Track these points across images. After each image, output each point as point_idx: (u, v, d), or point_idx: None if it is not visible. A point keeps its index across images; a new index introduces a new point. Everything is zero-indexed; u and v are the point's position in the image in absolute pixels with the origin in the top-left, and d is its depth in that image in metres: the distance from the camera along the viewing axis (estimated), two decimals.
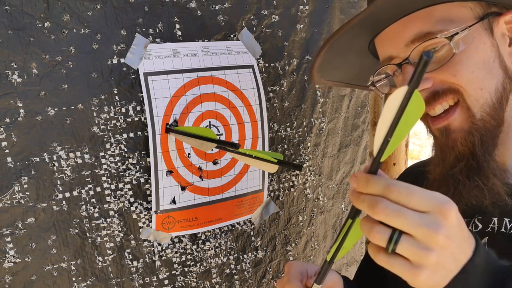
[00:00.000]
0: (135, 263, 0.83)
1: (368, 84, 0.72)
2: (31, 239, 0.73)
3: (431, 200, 0.44)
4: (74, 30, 0.73)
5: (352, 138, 1.15)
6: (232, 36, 0.89)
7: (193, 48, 0.84)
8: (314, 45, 1.00)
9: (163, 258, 0.86)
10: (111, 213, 0.79)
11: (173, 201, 0.83)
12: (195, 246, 0.89)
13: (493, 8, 0.63)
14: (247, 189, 0.92)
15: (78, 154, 0.75)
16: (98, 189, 0.78)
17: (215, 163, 0.87)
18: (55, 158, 0.74)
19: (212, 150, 0.84)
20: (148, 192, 0.82)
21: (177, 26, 0.83)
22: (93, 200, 0.78)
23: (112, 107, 0.77)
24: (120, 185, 0.80)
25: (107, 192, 0.79)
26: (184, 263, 0.89)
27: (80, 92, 0.75)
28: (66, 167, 0.75)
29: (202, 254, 0.90)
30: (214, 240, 0.92)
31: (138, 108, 0.79)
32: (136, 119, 0.80)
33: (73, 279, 0.78)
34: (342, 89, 1.09)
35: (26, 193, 0.72)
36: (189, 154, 0.84)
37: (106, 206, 0.79)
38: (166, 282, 0.87)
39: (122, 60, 0.77)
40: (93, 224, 0.78)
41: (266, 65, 0.94)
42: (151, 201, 0.81)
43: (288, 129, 1.00)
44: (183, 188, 0.84)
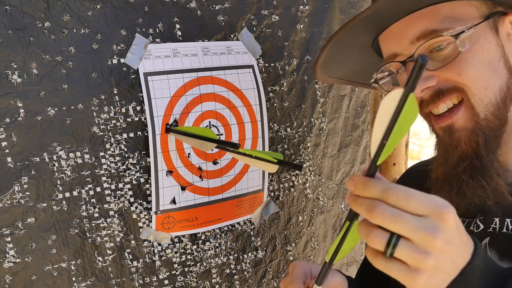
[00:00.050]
0: (135, 263, 0.83)
1: (371, 81, 0.71)
2: (31, 239, 0.73)
3: (429, 204, 0.44)
4: (74, 30, 0.73)
5: (352, 138, 1.15)
6: (232, 36, 0.89)
7: (193, 48, 0.84)
8: (314, 45, 1.00)
9: (163, 258, 0.86)
10: (111, 213, 0.79)
11: (173, 201, 0.83)
12: (195, 246, 0.89)
13: (499, 8, 0.63)
14: (247, 189, 0.92)
15: (78, 154, 0.75)
16: (98, 189, 0.78)
17: (215, 163, 0.87)
18: (55, 158, 0.74)
19: (212, 150, 0.84)
20: (148, 192, 0.82)
21: (177, 26, 0.83)
22: (93, 200, 0.78)
23: (112, 107, 0.77)
24: (120, 185, 0.80)
25: (107, 192, 0.79)
26: (184, 263, 0.89)
27: (80, 92, 0.75)
28: (66, 167, 0.75)
29: (202, 254, 0.90)
30: (214, 240, 0.92)
31: (138, 108, 0.79)
32: (136, 119, 0.80)
33: (73, 279, 0.78)
34: (342, 89, 1.09)
35: (26, 193, 0.72)
36: (189, 154, 0.84)
37: (106, 206, 0.79)
38: (166, 282, 0.87)
39: (122, 60, 0.77)
40: (93, 224, 0.78)
41: (266, 65, 0.94)
42: (151, 201, 0.81)
43: (288, 129, 1.00)
44: (183, 188, 0.84)
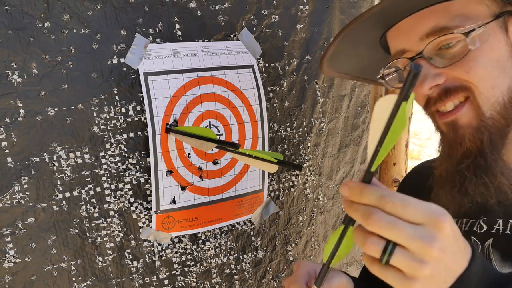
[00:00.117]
0: (135, 263, 0.83)
1: (378, 77, 0.70)
2: (31, 239, 0.73)
3: (426, 212, 0.44)
4: (74, 30, 0.73)
5: (352, 138, 1.15)
6: (232, 36, 0.89)
7: (193, 48, 0.84)
8: (314, 45, 1.00)
9: (163, 258, 0.86)
10: (111, 213, 0.79)
11: (173, 201, 0.83)
12: (195, 246, 0.89)
13: (509, 7, 0.62)
14: (247, 189, 0.92)
15: (78, 154, 0.75)
16: (98, 189, 0.78)
17: (215, 163, 0.87)
18: (55, 158, 0.74)
19: (212, 150, 0.84)
20: (148, 192, 0.82)
21: (177, 26, 0.83)
22: (93, 200, 0.78)
23: (112, 107, 0.77)
24: (120, 185, 0.80)
25: (107, 192, 0.79)
26: (184, 263, 0.89)
27: (80, 92, 0.75)
28: (66, 167, 0.75)
29: (202, 254, 0.90)
30: (214, 240, 0.92)
31: (138, 108, 0.79)
32: (136, 119, 0.80)
33: (73, 279, 0.78)
34: (342, 89, 1.09)
35: (26, 193, 0.72)
36: (189, 154, 0.84)
37: (106, 206, 0.79)
38: (166, 282, 0.87)
39: (122, 60, 0.77)
40: (93, 224, 0.78)
41: (266, 65, 0.94)
42: (151, 201, 0.81)
43: (288, 129, 0.99)
44: (183, 188, 0.84)
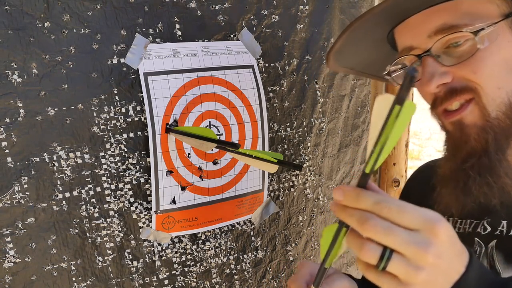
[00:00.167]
0: (135, 263, 0.83)
1: (384, 74, 0.70)
2: (31, 239, 0.73)
3: (421, 218, 0.44)
4: (74, 30, 0.73)
5: (352, 138, 1.15)
6: (232, 36, 0.89)
7: (193, 48, 0.84)
8: (314, 45, 1.00)
9: (163, 258, 0.86)
10: (111, 213, 0.79)
11: (173, 201, 0.83)
12: (195, 246, 0.89)
13: None
14: (247, 189, 0.92)
15: (78, 154, 0.75)
16: (98, 189, 0.78)
17: (215, 163, 0.87)
18: (55, 158, 0.74)
19: (212, 150, 0.84)
20: (148, 192, 0.82)
21: (177, 26, 0.83)
22: (93, 200, 0.78)
23: (112, 107, 0.77)
24: (120, 185, 0.80)
25: (107, 192, 0.79)
26: (184, 263, 0.89)
27: (80, 92, 0.75)
28: (66, 167, 0.75)
29: (202, 254, 0.90)
30: (214, 240, 0.92)
31: (138, 108, 0.79)
32: (136, 119, 0.80)
33: (73, 279, 0.78)
34: (342, 89, 1.09)
35: (26, 193, 0.72)
36: (189, 154, 0.84)
37: (106, 206, 0.79)
38: (166, 282, 0.87)
39: (122, 60, 0.77)
40: (93, 224, 0.78)
41: (266, 65, 0.94)
42: (151, 201, 0.81)
43: (288, 129, 0.99)
44: (183, 188, 0.84)
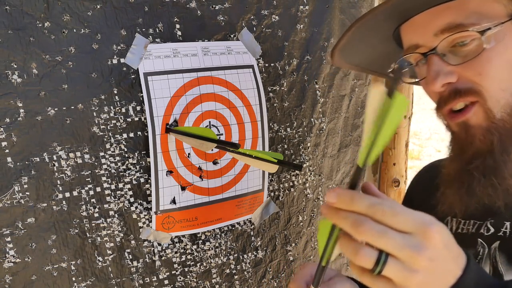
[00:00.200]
0: (135, 263, 0.83)
1: (389, 71, 0.70)
2: (31, 239, 0.73)
3: (415, 221, 0.44)
4: (74, 30, 0.73)
5: (352, 138, 1.15)
6: (232, 36, 0.89)
7: (193, 48, 0.84)
8: (314, 45, 1.00)
9: (163, 258, 0.86)
10: (111, 213, 0.79)
11: (173, 201, 0.83)
12: (195, 246, 0.89)
13: None
14: (247, 189, 0.92)
15: (78, 154, 0.75)
16: (98, 189, 0.78)
17: (215, 163, 0.87)
18: (55, 158, 0.74)
19: (212, 150, 0.84)
20: (148, 192, 0.82)
21: (177, 26, 0.83)
22: (93, 200, 0.78)
23: (112, 107, 0.77)
24: (120, 185, 0.80)
25: (107, 192, 0.79)
26: (184, 263, 0.89)
27: (80, 92, 0.75)
28: (66, 167, 0.75)
29: (202, 254, 0.90)
30: (214, 240, 0.92)
31: (138, 108, 0.79)
32: (136, 119, 0.80)
33: (73, 279, 0.78)
34: (342, 89, 1.09)
35: (26, 193, 0.72)
36: (189, 154, 0.84)
37: (106, 206, 0.79)
38: (166, 282, 0.87)
39: (122, 60, 0.77)
40: (93, 224, 0.78)
41: (266, 65, 0.94)
42: (151, 201, 0.81)
43: (288, 129, 0.99)
44: (183, 188, 0.84)
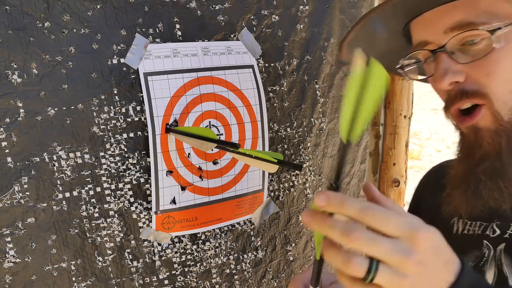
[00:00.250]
0: (135, 263, 0.83)
1: (397, 67, 0.69)
2: (31, 239, 0.73)
3: (404, 225, 0.43)
4: (74, 30, 0.73)
5: None
6: (232, 36, 0.89)
7: (193, 48, 0.84)
8: (314, 45, 1.00)
9: (163, 258, 0.86)
10: (111, 213, 0.79)
11: (173, 201, 0.83)
12: (195, 246, 0.89)
13: None
14: (247, 189, 0.92)
15: (78, 154, 0.75)
16: (98, 189, 0.78)
17: (215, 163, 0.87)
18: (55, 158, 0.74)
19: (212, 150, 0.84)
20: (148, 192, 0.82)
21: (177, 26, 0.83)
22: (93, 200, 0.78)
23: (112, 107, 0.77)
24: (120, 185, 0.80)
25: (107, 192, 0.79)
26: (184, 263, 0.89)
27: (80, 92, 0.75)
28: (66, 167, 0.75)
29: (202, 254, 0.90)
30: (214, 240, 0.92)
31: (138, 108, 0.79)
32: (136, 119, 0.80)
33: (73, 279, 0.78)
34: (342, 89, 1.09)
35: (26, 193, 0.72)
36: (189, 154, 0.84)
37: (106, 206, 0.79)
38: (166, 282, 0.87)
39: (122, 60, 0.77)
40: (93, 224, 0.78)
41: (266, 65, 0.94)
42: (151, 201, 0.81)
43: (288, 129, 0.99)
44: (183, 188, 0.84)
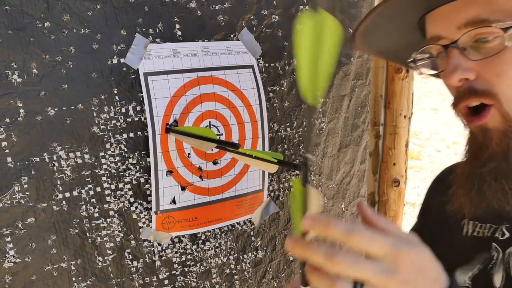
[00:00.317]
0: (135, 263, 0.83)
1: (409, 61, 0.68)
2: (31, 239, 0.73)
3: (388, 245, 0.44)
4: (74, 30, 0.73)
5: (352, 138, 1.15)
6: (232, 36, 0.89)
7: (193, 48, 0.84)
8: None
9: (163, 258, 0.86)
10: (111, 213, 0.79)
11: (173, 201, 0.83)
12: (195, 246, 0.89)
13: None
14: (247, 189, 0.92)
15: (78, 154, 0.75)
16: (98, 189, 0.78)
17: (215, 163, 0.87)
18: (55, 158, 0.74)
19: (212, 150, 0.84)
20: (148, 192, 0.82)
21: (177, 26, 0.83)
22: (93, 200, 0.78)
23: (112, 107, 0.77)
24: (120, 185, 0.80)
25: (107, 192, 0.79)
26: (184, 263, 0.89)
27: (80, 92, 0.75)
28: (66, 167, 0.75)
29: (202, 254, 0.90)
30: (214, 240, 0.92)
31: (138, 108, 0.79)
32: (136, 119, 0.80)
33: (73, 279, 0.78)
34: (342, 89, 1.09)
35: (26, 193, 0.72)
36: (189, 154, 0.84)
37: (106, 206, 0.79)
38: (166, 282, 0.87)
39: (122, 60, 0.77)
40: (93, 224, 0.78)
41: (266, 65, 0.94)
42: (151, 201, 0.81)
43: (288, 129, 0.99)
44: (183, 188, 0.84)
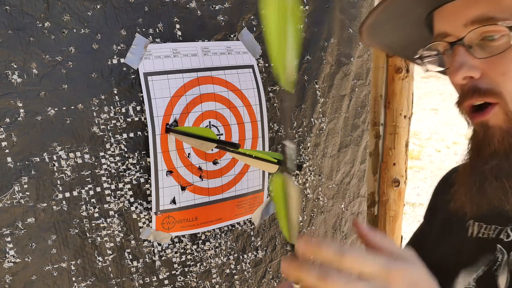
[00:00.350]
0: (135, 263, 0.83)
1: (416, 57, 0.68)
2: (31, 239, 0.73)
3: (379, 265, 0.44)
4: (74, 30, 0.73)
5: (352, 138, 1.15)
6: (232, 36, 0.89)
7: (193, 48, 0.84)
8: (314, 45, 1.00)
9: (163, 258, 0.86)
10: (111, 213, 0.79)
11: (173, 201, 0.83)
12: (195, 246, 0.89)
13: None
14: (247, 189, 0.92)
15: (78, 154, 0.75)
16: (98, 189, 0.78)
17: (215, 163, 0.87)
18: (55, 158, 0.74)
19: (212, 150, 0.84)
20: (148, 192, 0.82)
21: (177, 26, 0.83)
22: (93, 200, 0.78)
23: (112, 107, 0.77)
24: (120, 185, 0.80)
25: (107, 192, 0.79)
26: (184, 263, 0.89)
27: (80, 92, 0.75)
28: (66, 167, 0.75)
29: (202, 254, 0.90)
30: (214, 240, 0.92)
31: (138, 108, 0.79)
32: (136, 119, 0.80)
33: (73, 279, 0.78)
34: (342, 89, 1.09)
35: (26, 193, 0.72)
36: (189, 154, 0.84)
37: (106, 206, 0.79)
38: (166, 282, 0.87)
39: (122, 60, 0.77)
40: (93, 224, 0.78)
41: (266, 65, 0.94)
42: (151, 201, 0.81)
43: (288, 129, 0.99)
44: (183, 188, 0.84)
